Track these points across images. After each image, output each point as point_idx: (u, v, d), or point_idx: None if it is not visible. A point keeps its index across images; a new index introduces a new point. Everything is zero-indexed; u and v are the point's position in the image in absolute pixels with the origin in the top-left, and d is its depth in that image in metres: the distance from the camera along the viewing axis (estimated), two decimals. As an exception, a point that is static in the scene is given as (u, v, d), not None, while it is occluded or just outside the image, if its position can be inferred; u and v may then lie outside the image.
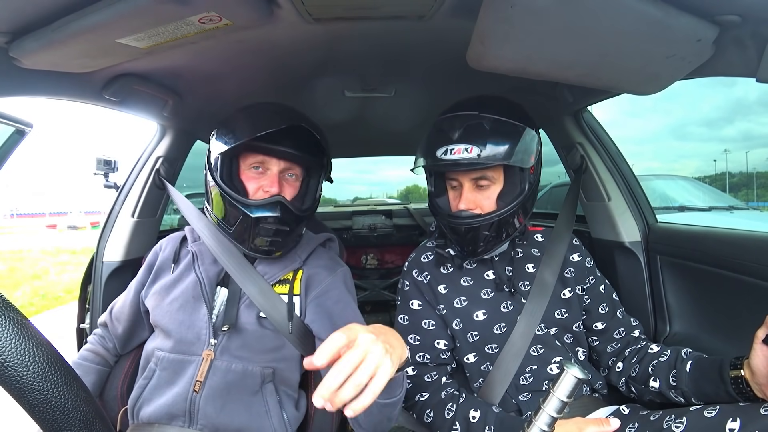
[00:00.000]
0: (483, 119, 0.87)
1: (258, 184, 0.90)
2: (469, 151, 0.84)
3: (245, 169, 0.90)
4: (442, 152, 0.87)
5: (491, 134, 0.86)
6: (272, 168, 0.90)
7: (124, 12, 0.61)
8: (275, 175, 0.90)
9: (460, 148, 0.85)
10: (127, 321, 0.98)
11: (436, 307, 0.99)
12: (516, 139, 0.86)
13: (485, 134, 0.86)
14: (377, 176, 20.92)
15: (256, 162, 0.89)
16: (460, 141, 0.86)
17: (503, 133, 0.86)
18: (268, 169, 0.90)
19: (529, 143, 0.88)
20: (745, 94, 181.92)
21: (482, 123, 0.87)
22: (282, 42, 0.88)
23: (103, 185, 1.36)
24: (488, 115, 0.87)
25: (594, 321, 1.00)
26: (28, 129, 0.90)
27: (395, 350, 0.56)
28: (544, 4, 0.57)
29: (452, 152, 0.86)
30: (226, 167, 0.89)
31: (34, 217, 46.57)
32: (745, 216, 3.21)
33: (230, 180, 0.89)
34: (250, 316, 0.89)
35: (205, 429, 0.83)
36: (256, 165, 0.90)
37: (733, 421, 0.64)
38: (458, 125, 0.88)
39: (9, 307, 0.33)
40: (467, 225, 0.89)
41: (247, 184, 0.90)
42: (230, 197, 0.86)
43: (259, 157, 0.89)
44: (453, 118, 0.90)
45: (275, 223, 0.86)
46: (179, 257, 0.98)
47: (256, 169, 0.90)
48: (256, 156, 0.89)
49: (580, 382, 0.63)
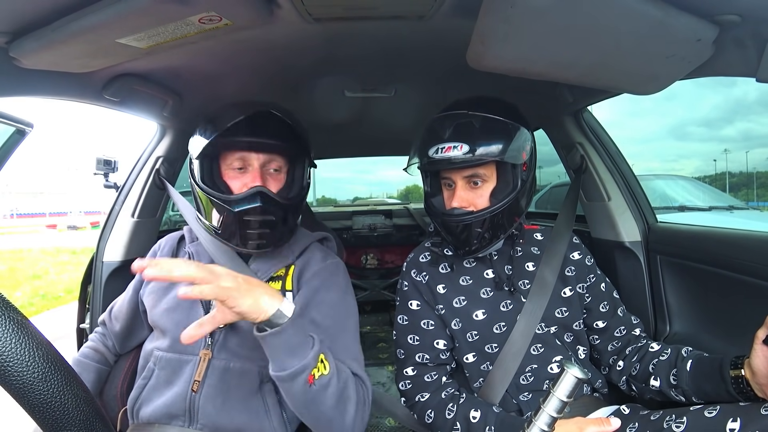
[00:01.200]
0: (473, 117, 0.88)
1: (241, 182, 0.88)
2: (459, 148, 0.86)
3: (226, 169, 0.89)
4: (433, 151, 0.88)
5: (481, 132, 0.87)
6: (253, 163, 0.88)
7: (124, 12, 0.62)
8: (257, 170, 0.88)
9: (450, 146, 0.86)
10: (126, 320, 0.98)
11: (435, 307, 0.99)
12: (506, 137, 0.87)
13: (475, 132, 0.87)
14: (377, 176, 21.00)
15: (235, 159, 0.88)
16: (450, 139, 0.87)
17: (493, 131, 0.87)
18: (249, 165, 0.88)
19: (519, 141, 0.88)
20: (745, 94, 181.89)
21: (472, 121, 0.88)
22: (282, 42, 0.88)
23: (103, 185, 1.36)
24: (478, 114, 0.88)
25: (595, 319, 1.00)
26: (28, 129, 0.90)
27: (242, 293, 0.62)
28: (544, 4, 0.57)
29: (443, 150, 0.87)
30: (206, 170, 0.88)
31: (34, 217, 46.55)
32: (745, 216, 3.21)
33: (212, 183, 0.88)
34: None
35: (206, 429, 0.83)
36: (237, 163, 0.88)
37: (734, 421, 0.64)
38: (448, 124, 0.89)
39: (9, 307, 0.33)
40: (460, 222, 0.90)
41: (230, 183, 0.88)
42: (211, 196, 0.85)
43: (237, 153, 0.87)
44: (443, 117, 0.92)
45: (259, 214, 0.84)
46: (176, 257, 0.98)
47: (239, 169, 0.88)
48: (234, 153, 0.87)
49: (580, 381, 0.63)
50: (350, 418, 0.73)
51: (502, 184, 0.91)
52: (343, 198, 6.38)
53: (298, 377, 0.66)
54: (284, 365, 0.66)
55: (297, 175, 0.94)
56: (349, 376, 0.76)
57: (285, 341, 0.66)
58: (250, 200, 0.84)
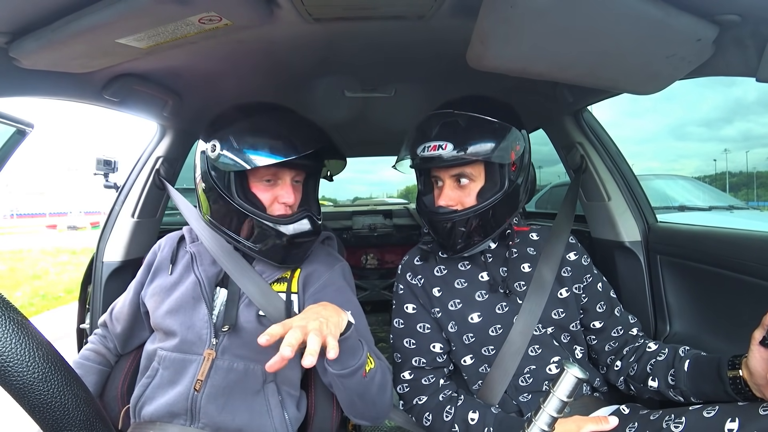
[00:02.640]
0: (458, 117, 0.89)
1: (272, 194, 0.89)
2: (444, 147, 0.86)
3: (256, 181, 0.89)
4: (420, 150, 0.89)
5: (466, 131, 0.87)
6: (285, 178, 0.89)
7: (124, 12, 0.62)
8: (289, 185, 0.90)
9: (436, 145, 0.87)
10: (127, 321, 0.98)
11: (431, 310, 0.99)
12: (492, 136, 0.87)
13: (459, 131, 0.87)
14: (377, 176, 20.98)
15: (268, 174, 0.88)
16: (436, 138, 0.88)
17: (478, 130, 0.87)
18: (281, 179, 0.89)
19: (507, 140, 0.88)
20: (744, 94, 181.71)
21: (457, 120, 0.88)
22: (282, 42, 0.88)
23: (103, 185, 1.36)
24: (464, 113, 0.88)
25: (592, 319, 1.00)
26: (29, 129, 0.90)
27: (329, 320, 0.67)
28: (544, 5, 0.58)
29: (429, 149, 0.88)
30: (238, 183, 0.87)
31: (34, 218, 46.52)
32: (745, 216, 3.21)
33: (244, 195, 0.87)
34: (250, 315, 0.89)
35: (207, 428, 0.83)
36: (268, 176, 0.89)
37: (732, 421, 0.64)
38: (435, 123, 0.90)
39: (9, 307, 0.33)
40: (444, 220, 0.90)
41: (260, 196, 0.88)
42: (257, 216, 0.86)
43: (272, 170, 0.88)
44: (431, 116, 0.93)
45: (308, 236, 0.89)
46: (177, 257, 0.97)
47: (268, 181, 0.89)
48: (269, 169, 0.88)
49: (580, 381, 0.63)
50: (388, 397, 0.85)
51: (490, 184, 0.90)
52: (343, 198, 6.36)
53: (357, 373, 0.74)
54: (346, 364, 0.73)
55: (313, 186, 0.99)
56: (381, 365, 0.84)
57: (350, 345, 0.73)
58: (301, 224, 0.88)
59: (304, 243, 0.91)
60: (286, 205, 0.89)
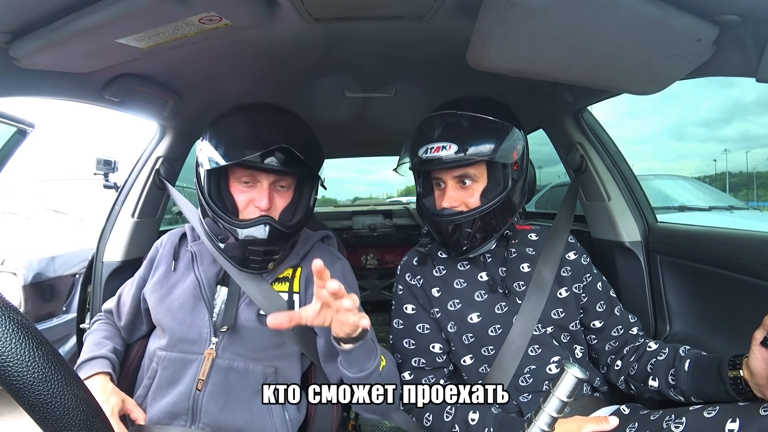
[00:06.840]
0: (461, 117, 0.88)
1: (248, 197, 0.87)
2: (448, 148, 0.86)
3: (234, 181, 0.88)
4: (423, 151, 0.88)
5: (469, 131, 0.87)
6: (262, 182, 0.87)
7: (124, 12, 0.62)
8: (266, 189, 0.87)
9: (439, 146, 0.86)
10: (128, 315, 0.98)
11: (430, 311, 0.98)
12: (495, 136, 0.87)
13: (463, 131, 0.87)
14: (377, 176, 20.99)
15: (245, 175, 0.87)
16: (439, 139, 0.87)
17: (482, 130, 0.87)
18: (258, 182, 0.87)
19: (509, 140, 0.88)
20: (742, 95, 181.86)
21: (460, 120, 0.88)
22: (282, 42, 0.88)
23: (103, 185, 1.36)
24: (466, 113, 0.88)
25: (592, 319, 1.00)
26: (29, 129, 0.90)
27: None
28: (544, 4, 0.58)
29: (432, 150, 0.87)
30: (213, 181, 0.87)
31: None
32: (745, 216, 3.21)
33: (218, 194, 0.87)
34: (251, 314, 0.89)
35: (207, 428, 0.83)
36: (245, 178, 0.87)
37: (733, 422, 0.64)
38: (437, 124, 0.89)
39: (9, 308, 0.33)
40: (450, 222, 0.89)
41: (237, 197, 0.87)
42: (217, 215, 0.84)
43: (248, 171, 0.86)
44: (432, 117, 0.92)
45: (263, 245, 0.85)
46: (178, 255, 0.98)
47: (246, 183, 0.87)
48: (245, 170, 0.86)
49: (580, 381, 0.63)
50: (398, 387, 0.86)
51: (493, 184, 0.90)
52: (343, 198, 6.36)
53: (374, 373, 0.76)
54: (363, 367, 0.75)
55: (305, 195, 0.93)
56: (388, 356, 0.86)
57: (366, 349, 0.74)
58: (256, 229, 0.83)
59: (265, 251, 0.86)
60: (261, 210, 0.85)
